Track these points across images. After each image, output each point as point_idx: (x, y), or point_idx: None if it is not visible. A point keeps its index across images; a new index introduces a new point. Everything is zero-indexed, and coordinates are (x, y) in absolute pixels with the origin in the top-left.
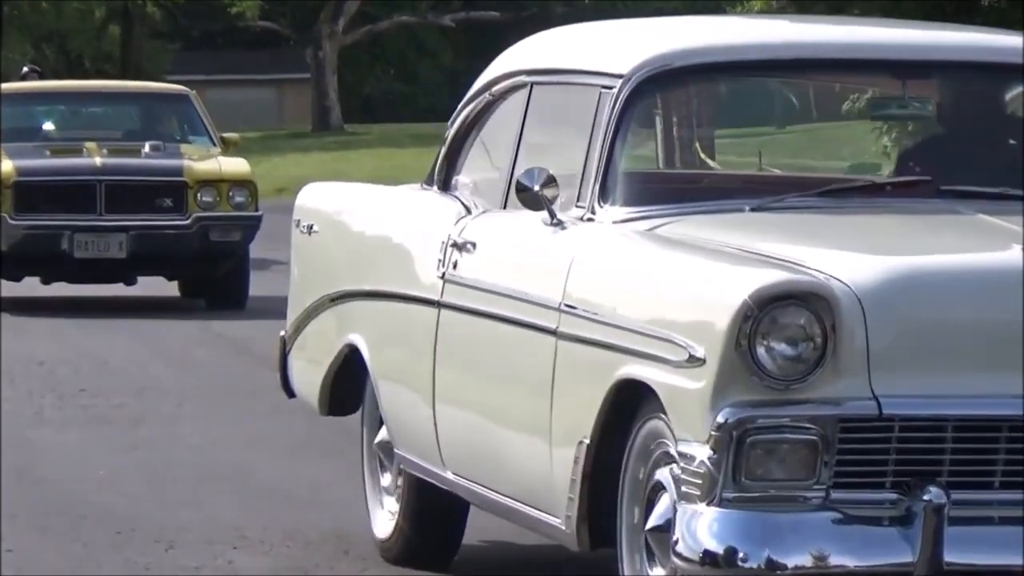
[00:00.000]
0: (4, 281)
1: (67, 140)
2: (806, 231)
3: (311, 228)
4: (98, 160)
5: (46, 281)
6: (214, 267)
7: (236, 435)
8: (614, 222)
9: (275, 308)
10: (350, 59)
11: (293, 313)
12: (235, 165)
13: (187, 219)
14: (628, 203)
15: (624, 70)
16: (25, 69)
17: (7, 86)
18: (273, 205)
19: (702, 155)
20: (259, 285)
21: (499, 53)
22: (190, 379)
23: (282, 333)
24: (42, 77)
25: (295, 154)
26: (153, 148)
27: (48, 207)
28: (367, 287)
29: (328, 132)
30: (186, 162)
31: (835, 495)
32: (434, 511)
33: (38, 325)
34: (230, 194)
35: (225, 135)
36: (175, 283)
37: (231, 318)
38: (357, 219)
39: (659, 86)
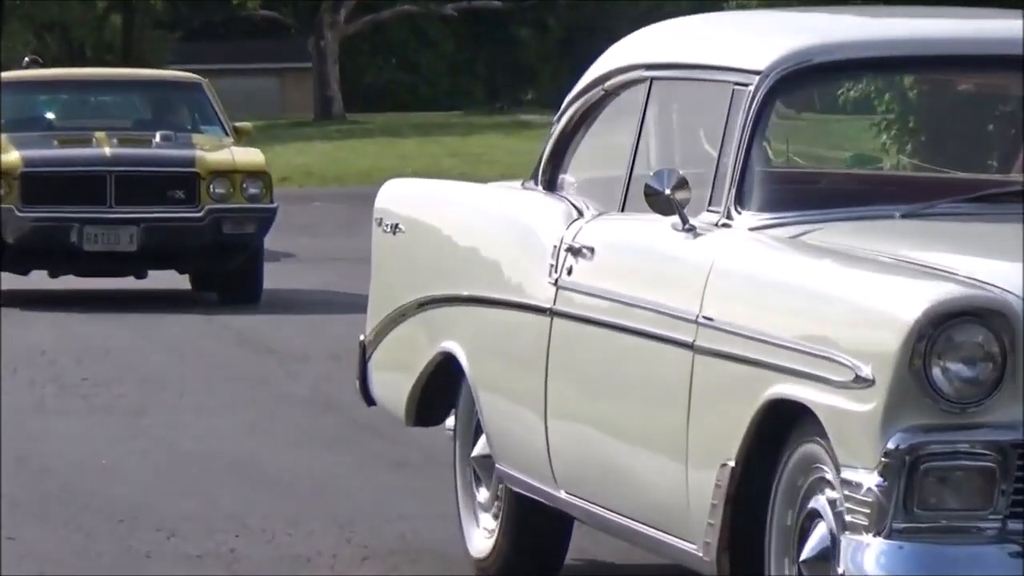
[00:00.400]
0: (9, 274)
1: (76, 130)
2: (968, 240)
3: (396, 227)
4: (108, 150)
5: (54, 274)
6: (227, 260)
7: (239, 425)
8: (751, 228)
9: (286, 300)
10: (352, 48)
11: (375, 317)
12: (249, 156)
13: (199, 211)
14: (768, 208)
15: (761, 66)
16: (26, 59)
17: (13, 74)
18: (276, 194)
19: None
20: (268, 278)
21: (501, 42)
22: (193, 369)
23: (361, 338)
24: (44, 68)
25: (297, 143)
26: (164, 138)
27: (56, 199)
28: (464, 292)
29: (330, 121)
30: (198, 153)
31: (1012, 526)
32: (536, 529)
33: (41, 315)
34: (244, 186)
35: (238, 124)
36: (186, 276)
37: (239, 311)
38: (450, 219)
39: (798, 83)
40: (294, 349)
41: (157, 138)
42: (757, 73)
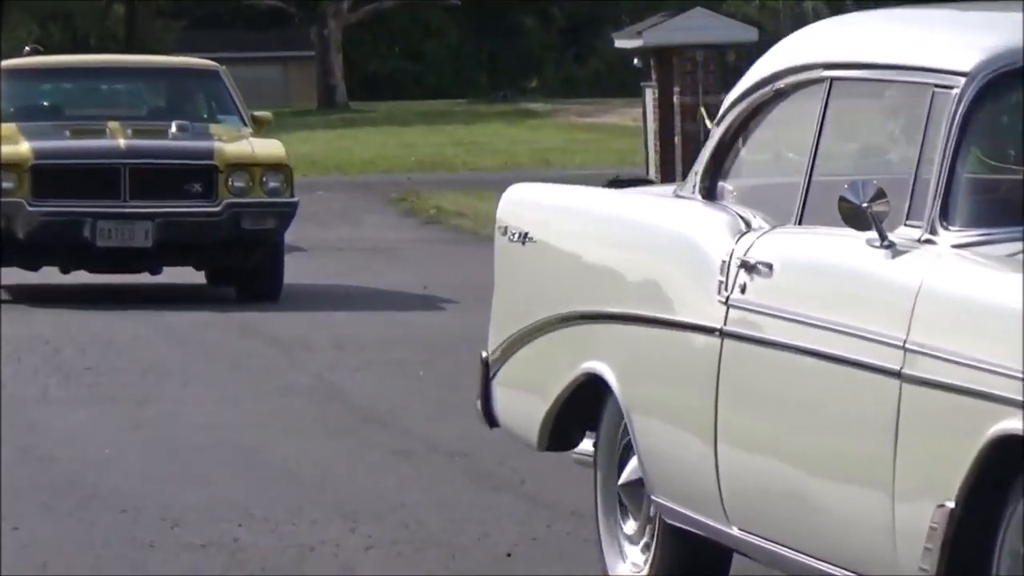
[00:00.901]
0: (17, 267)
1: (88, 119)
2: None
3: (525, 237)
4: (122, 142)
5: (65, 270)
6: (246, 257)
7: (242, 414)
8: (955, 245)
9: (290, 290)
10: (355, 37)
11: (501, 333)
12: (269, 148)
13: (217, 206)
14: (976, 223)
15: (968, 67)
16: (27, 48)
17: (21, 61)
18: None
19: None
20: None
21: (505, 31)
22: (196, 359)
23: (484, 354)
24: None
25: (301, 132)
26: (180, 129)
27: (68, 192)
28: (613, 308)
29: (333, 110)
30: (216, 144)
31: None
32: (693, 564)
33: (44, 306)
34: (263, 179)
35: (257, 114)
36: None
37: (254, 307)
38: (591, 229)
39: (1007, 87)
40: (298, 339)
41: (173, 128)
42: (963, 75)
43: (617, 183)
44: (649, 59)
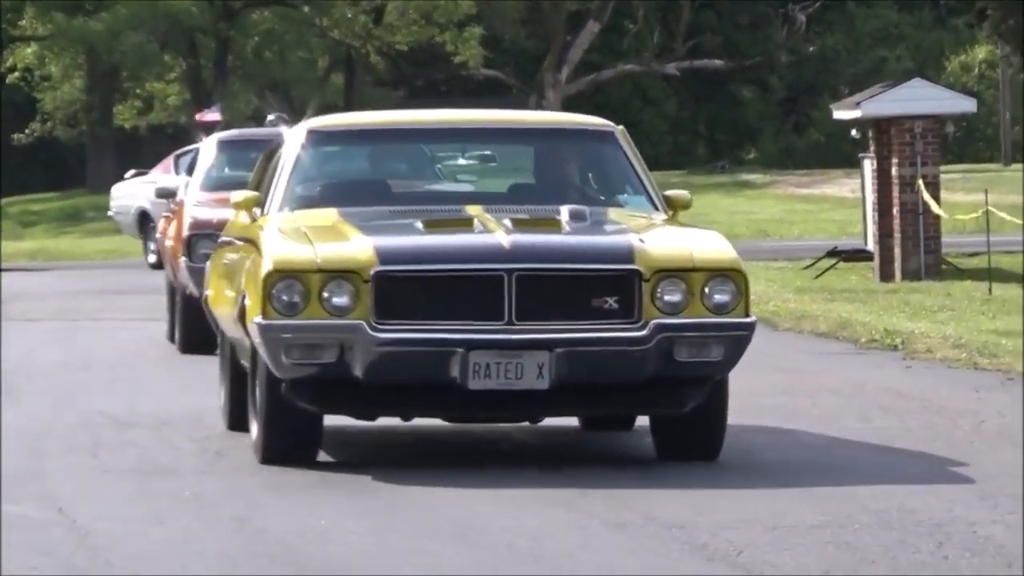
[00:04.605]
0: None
1: (439, 204)
2: None
3: None
4: (504, 238)
5: (408, 418)
6: (679, 400)
7: (461, 485)
8: None
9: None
10: (573, 107)
11: None
12: (709, 244)
13: (642, 329)
14: None
15: None
16: (271, 116)
17: (330, 120)
18: None
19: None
20: None
21: (723, 101)
22: (421, 432)
23: None
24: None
25: None
26: (575, 216)
27: (427, 311)
28: None
29: None
30: (634, 240)
31: None
32: None
33: None
34: (706, 290)
35: (670, 193)
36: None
37: None
38: None
39: None
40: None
41: (564, 215)
42: None
43: (836, 254)
44: (867, 130)
